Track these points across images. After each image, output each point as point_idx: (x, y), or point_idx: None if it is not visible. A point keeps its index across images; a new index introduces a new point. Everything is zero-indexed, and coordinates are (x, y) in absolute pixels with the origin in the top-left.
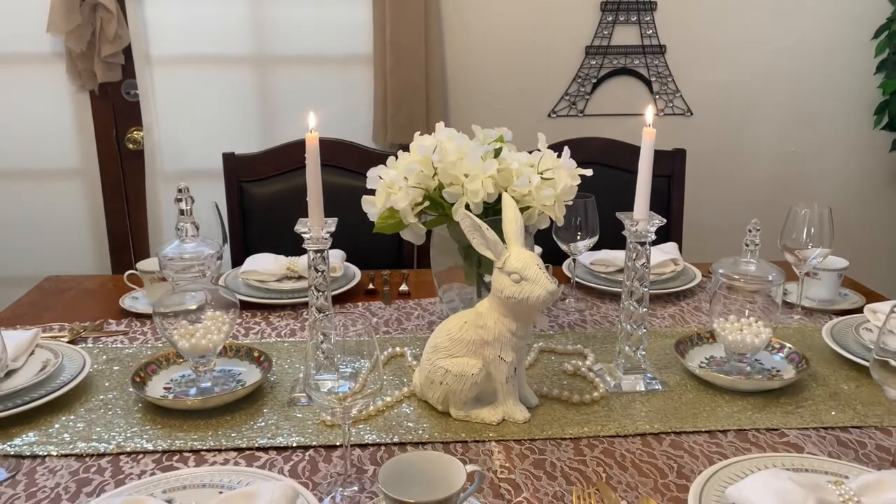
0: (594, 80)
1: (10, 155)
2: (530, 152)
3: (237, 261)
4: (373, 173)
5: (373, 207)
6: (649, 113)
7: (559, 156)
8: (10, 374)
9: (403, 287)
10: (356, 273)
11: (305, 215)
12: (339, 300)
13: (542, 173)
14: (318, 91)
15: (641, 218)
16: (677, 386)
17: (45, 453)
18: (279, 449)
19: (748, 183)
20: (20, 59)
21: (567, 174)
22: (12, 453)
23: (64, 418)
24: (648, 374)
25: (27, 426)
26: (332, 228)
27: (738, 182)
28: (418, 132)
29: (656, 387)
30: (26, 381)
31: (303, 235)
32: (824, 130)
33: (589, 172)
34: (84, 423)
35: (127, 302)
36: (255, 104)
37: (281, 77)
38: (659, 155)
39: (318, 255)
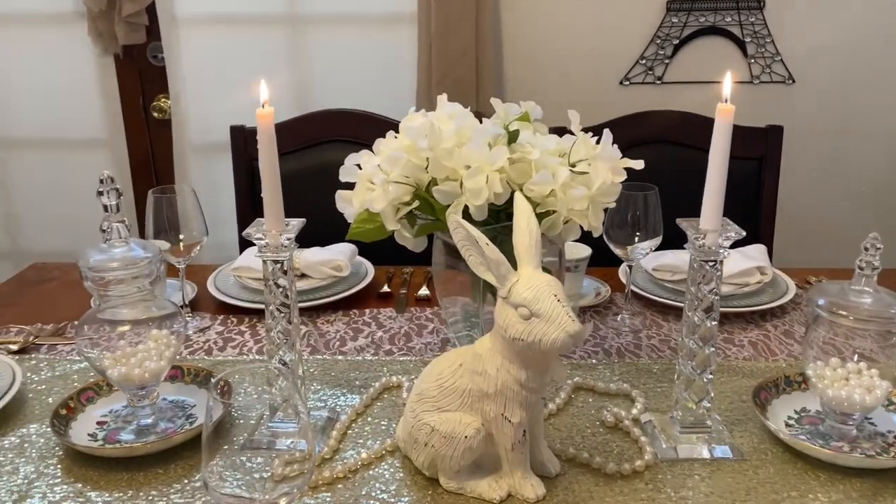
0: (676, 41)
1: (34, 123)
2: (560, 135)
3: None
4: (351, 161)
5: (349, 206)
6: (727, 83)
7: (598, 141)
8: None
9: (423, 291)
10: (369, 271)
11: (325, 197)
12: (343, 305)
13: (573, 165)
14: (356, 55)
15: (711, 228)
16: (754, 453)
17: None
18: None
19: (860, 169)
20: (40, 19)
21: (607, 167)
22: None
23: None
24: (715, 434)
25: None
26: (294, 233)
27: (849, 168)
28: (413, 108)
29: (725, 454)
30: None
31: (256, 242)
32: None
33: (639, 164)
34: None
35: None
36: (288, 69)
37: (316, 38)
38: (749, 133)
39: (278, 265)
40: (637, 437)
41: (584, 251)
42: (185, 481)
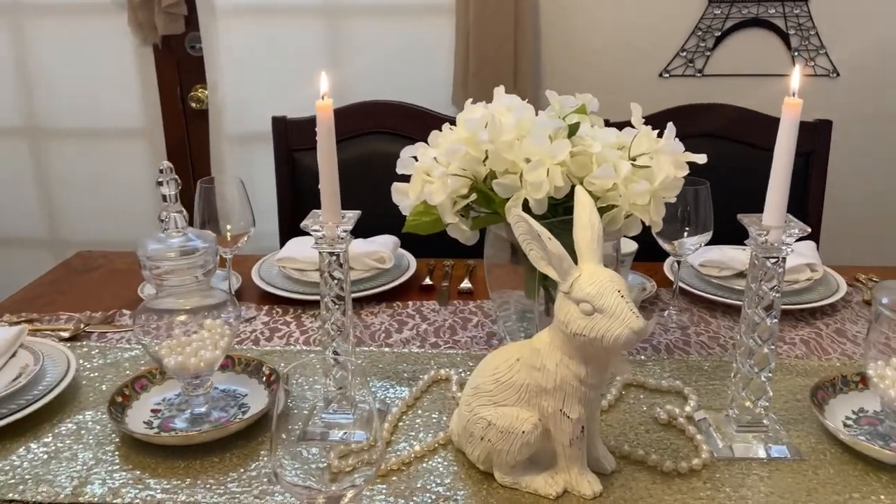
0: (717, 34)
1: (73, 113)
2: (620, 128)
3: (285, 243)
4: (407, 153)
5: (405, 199)
6: (795, 76)
7: (660, 134)
8: None
9: (466, 284)
10: (411, 263)
11: (364, 189)
12: (386, 297)
13: (634, 159)
14: (392, 45)
15: (775, 225)
16: (812, 453)
17: None
18: None
19: None
20: (81, 9)
21: (670, 161)
22: None
23: (25, 446)
24: (772, 434)
25: None
26: (350, 226)
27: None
28: (470, 100)
29: (782, 454)
30: None
31: (313, 234)
32: None
33: (702, 158)
34: (46, 453)
35: (147, 290)
36: (324, 60)
37: (353, 29)
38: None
39: (334, 258)
40: (692, 435)
41: (631, 246)
42: (241, 470)
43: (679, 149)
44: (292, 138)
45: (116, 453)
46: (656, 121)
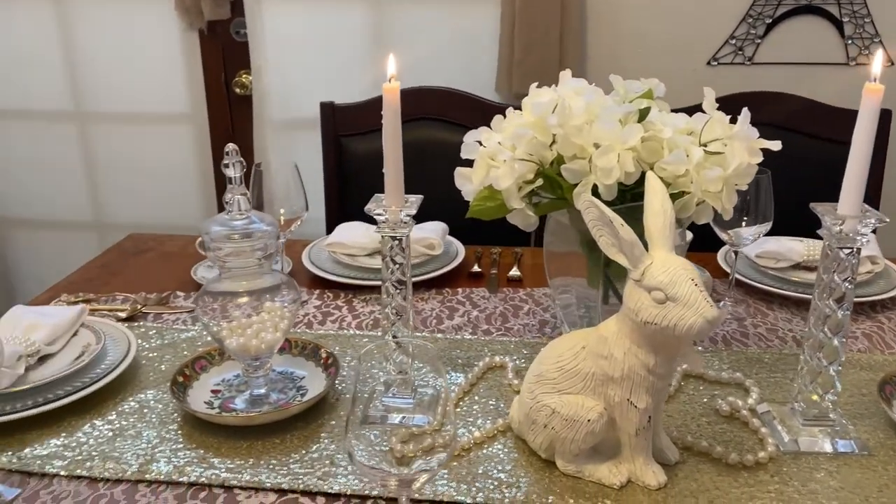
0: (769, 20)
1: (119, 97)
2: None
3: (332, 228)
4: (471, 137)
5: (469, 184)
6: (877, 61)
7: (732, 121)
8: (44, 359)
9: (514, 272)
10: (459, 250)
11: (413, 174)
12: (435, 284)
13: (705, 145)
14: (437, 32)
15: (851, 214)
16: (881, 449)
17: (55, 472)
18: (331, 497)
19: None
20: None
21: (744, 148)
22: (17, 468)
23: (90, 423)
24: (839, 428)
25: (49, 431)
26: (414, 210)
27: None
28: (535, 84)
29: (850, 448)
30: (55, 373)
31: (376, 217)
32: None
33: (777, 145)
34: (111, 431)
35: (199, 272)
36: (369, 46)
37: (398, 15)
38: (854, 117)
39: (396, 243)
40: (756, 428)
41: (686, 235)
42: (303, 452)
43: (753, 135)
44: (340, 124)
45: (179, 432)
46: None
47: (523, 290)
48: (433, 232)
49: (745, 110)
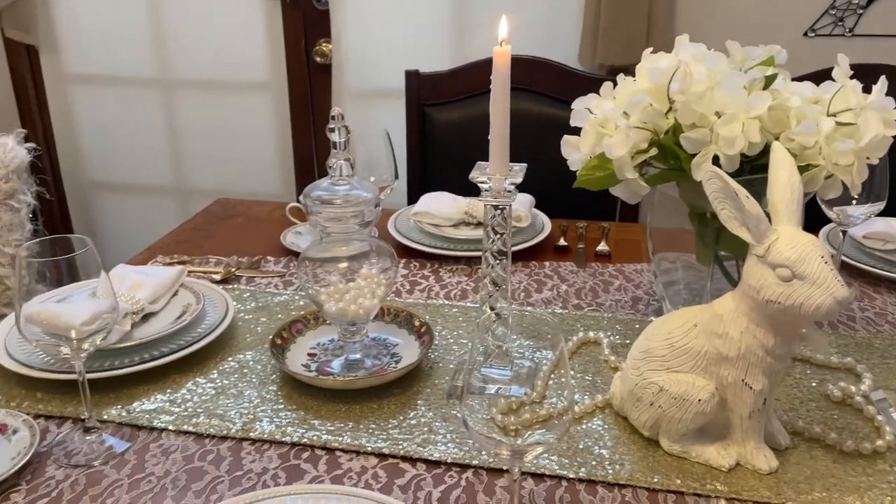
0: None
1: (202, 65)
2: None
3: (414, 198)
4: (580, 104)
5: (576, 152)
6: None
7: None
8: (147, 317)
9: (602, 246)
10: (545, 223)
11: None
12: (522, 257)
13: (835, 115)
14: (519, 1)
15: None
16: None
17: (163, 426)
18: (431, 464)
19: None
20: None
21: (879, 119)
22: (127, 421)
23: (193, 380)
24: None
25: (155, 386)
26: (519, 178)
27: None
28: (650, 49)
29: None
30: (160, 331)
31: (479, 185)
32: None
33: None
34: (214, 389)
35: (289, 238)
36: (450, 15)
37: None
38: None
39: (499, 212)
40: (872, 416)
41: None
42: (401, 418)
43: (889, 105)
44: (424, 93)
45: (279, 393)
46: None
47: (612, 266)
48: (521, 203)
49: (882, 78)
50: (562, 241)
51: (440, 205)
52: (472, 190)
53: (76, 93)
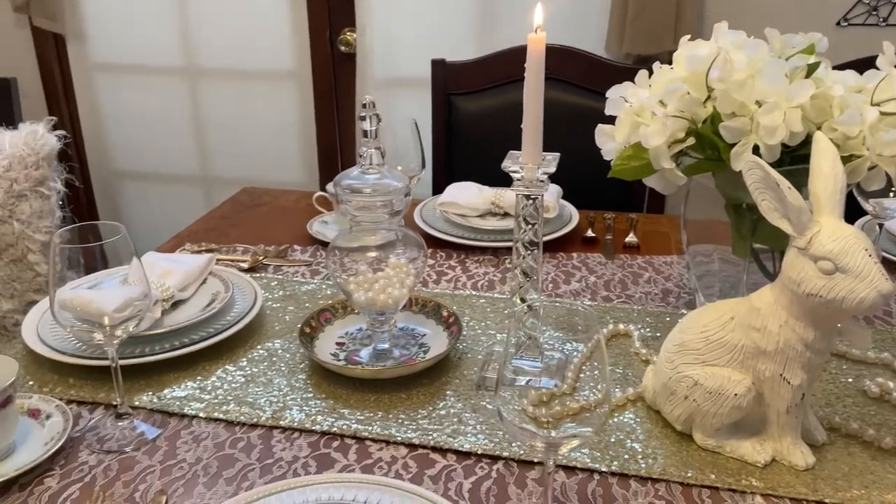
0: None
1: (227, 54)
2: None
3: (439, 188)
4: (615, 93)
5: (611, 142)
6: None
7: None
8: (176, 305)
9: (630, 237)
10: (573, 214)
11: (520, 140)
12: (550, 248)
13: (879, 105)
14: None
15: None
16: None
17: (194, 413)
18: (461, 455)
19: None
20: None
21: None
22: (158, 408)
23: (223, 368)
24: None
25: (185, 374)
26: (553, 168)
27: None
28: (688, 36)
29: None
30: (189, 318)
31: (512, 175)
32: None
33: None
34: (243, 377)
35: (315, 227)
36: (476, 4)
37: None
38: None
39: (531, 203)
40: None
41: None
42: (430, 408)
43: None
44: (450, 82)
45: (308, 382)
46: None
47: (641, 258)
48: (549, 194)
49: None
50: (589, 233)
51: (467, 195)
52: (498, 180)
53: (102, 81)
